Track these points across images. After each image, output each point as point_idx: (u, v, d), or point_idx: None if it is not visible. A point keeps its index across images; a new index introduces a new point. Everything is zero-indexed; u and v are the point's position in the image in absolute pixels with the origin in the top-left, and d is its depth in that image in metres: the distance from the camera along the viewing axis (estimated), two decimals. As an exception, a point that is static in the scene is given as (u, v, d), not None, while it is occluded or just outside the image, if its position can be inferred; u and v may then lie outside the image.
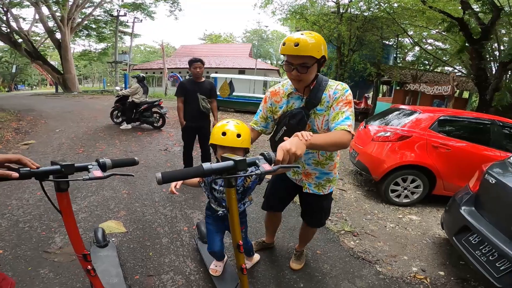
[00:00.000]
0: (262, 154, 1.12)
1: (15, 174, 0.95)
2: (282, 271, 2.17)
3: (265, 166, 1.06)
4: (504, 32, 11.39)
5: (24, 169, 1.01)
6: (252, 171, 1.09)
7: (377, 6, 10.70)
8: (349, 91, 1.50)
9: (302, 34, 1.38)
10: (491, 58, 11.60)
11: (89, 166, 1.10)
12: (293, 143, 1.10)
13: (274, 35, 42.85)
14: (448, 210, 2.56)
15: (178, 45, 33.05)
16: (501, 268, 1.79)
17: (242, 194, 1.60)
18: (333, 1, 12.18)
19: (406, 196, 3.71)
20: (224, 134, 1.33)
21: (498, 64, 9.01)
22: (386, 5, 10.42)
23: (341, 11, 11.59)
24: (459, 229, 2.23)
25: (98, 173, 1.07)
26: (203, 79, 3.65)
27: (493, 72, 9.27)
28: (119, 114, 7.30)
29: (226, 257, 2.01)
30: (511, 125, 3.74)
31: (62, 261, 2.06)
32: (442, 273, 2.36)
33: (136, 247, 2.31)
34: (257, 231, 2.71)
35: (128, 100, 6.87)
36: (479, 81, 7.71)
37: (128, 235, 2.49)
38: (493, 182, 2.09)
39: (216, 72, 16.63)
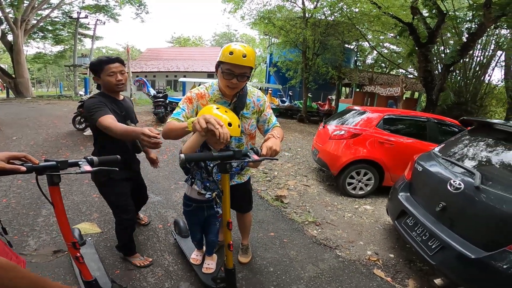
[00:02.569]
0: (251, 149, 1.46)
1: (23, 168, 1.13)
2: (253, 258, 2.41)
3: (254, 157, 1.41)
4: (449, 35, 12.60)
5: (27, 164, 1.17)
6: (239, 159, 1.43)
7: (339, 11, 11.34)
8: (266, 96, 1.87)
9: (243, 46, 1.52)
10: (437, 61, 12.81)
11: (80, 162, 1.28)
12: (274, 143, 1.47)
13: (243, 38, 43.17)
14: (390, 197, 2.95)
15: (144, 48, 32.05)
16: (432, 247, 2.00)
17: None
18: (299, 7, 12.71)
19: (361, 188, 4.15)
20: (230, 125, 1.40)
21: (442, 66, 9.96)
22: (347, 10, 11.08)
23: (307, 16, 12.11)
24: (399, 214, 2.58)
25: (88, 167, 1.25)
26: (122, 97, 2.10)
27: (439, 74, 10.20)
28: (82, 120, 7.10)
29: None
30: (444, 122, 4.35)
31: (39, 262, 2.13)
32: (392, 255, 2.71)
33: (113, 246, 2.39)
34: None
35: None
36: (426, 82, 8.37)
37: (104, 235, 2.59)
38: (421, 170, 2.50)
39: (184, 76, 16.55)
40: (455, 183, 2.01)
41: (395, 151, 4.00)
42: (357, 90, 14.38)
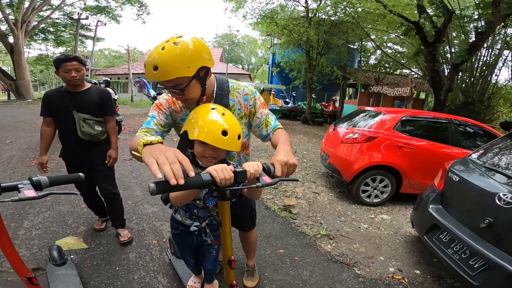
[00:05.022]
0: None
1: None
2: (261, 281, 2.10)
3: (266, 179, 0.99)
4: (455, 35, 12.37)
5: None
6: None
7: (343, 11, 11.12)
8: (257, 92, 1.44)
9: (163, 48, 1.04)
10: (443, 60, 12.54)
11: (20, 185, 0.96)
12: (288, 155, 1.09)
13: (245, 39, 43.27)
14: (416, 208, 2.62)
15: (146, 50, 31.91)
16: (475, 266, 1.78)
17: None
18: (303, 6, 12.49)
19: (376, 196, 3.80)
20: (225, 133, 1.03)
21: (450, 66, 9.70)
22: (351, 9, 10.86)
23: (310, 15, 11.89)
24: (429, 228, 2.27)
25: (30, 192, 0.93)
26: (88, 85, 2.28)
27: (446, 74, 9.96)
28: None
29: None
30: (467, 123, 4.00)
31: (16, 280, 1.86)
32: (418, 271, 2.40)
33: (100, 264, 2.14)
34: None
35: None
36: (434, 82, 8.17)
37: (90, 251, 2.31)
38: (457, 179, 2.17)
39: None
40: (506, 197, 1.69)
41: (415, 156, 3.64)
42: (362, 90, 14.06)
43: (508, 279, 1.58)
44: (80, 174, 1.13)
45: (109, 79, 7.21)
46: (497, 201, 1.73)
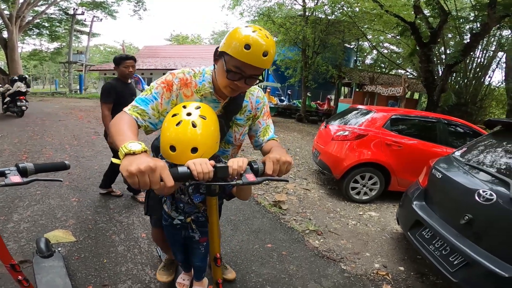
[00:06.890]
0: (249, 164, 1.01)
1: None
2: (248, 275, 2.13)
3: (249, 177, 0.95)
4: (451, 36, 12.48)
5: None
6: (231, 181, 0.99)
7: (340, 10, 11.16)
8: (266, 99, 1.43)
9: (263, 36, 1.04)
10: (438, 61, 12.65)
11: (7, 171, 0.99)
12: (281, 153, 1.06)
13: (241, 37, 43.01)
14: (401, 205, 2.66)
15: (142, 46, 31.66)
16: (455, 263, 1.79)
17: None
18: (300, 5, 12.51)
19: (365, 193, 3.85)
20: (173, 149, 0.97)
21: (444, 67, 9.80)
22: (348, 9, 10.90)
23: (307, 14, 11.92)
24: (412, 224, 2.31)
25: (16, 178, 0.96)
26: (130, 81, 3.07)
27: (440, 74, 10.04)
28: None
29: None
30: (455, 123, 4.07)
31: (4, 273, 1.83)
32: (402, 268, 2.45)
33: (88, 257, 2.14)
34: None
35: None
36: (427, 82, 8.22)
37: (78, 244, 2.30)
38: (440, 176, 2.21)
39: (180, 74, 16.18)
40: (485, 194, 1.73)
41: (403, 154, 3.70)
42: (357, 90, 14.14)
43: (486, 276, 1.61)
44: (66, 162, 1.14)
45: (23, 76, 8.50)
46: (477, 198, 1.77)
